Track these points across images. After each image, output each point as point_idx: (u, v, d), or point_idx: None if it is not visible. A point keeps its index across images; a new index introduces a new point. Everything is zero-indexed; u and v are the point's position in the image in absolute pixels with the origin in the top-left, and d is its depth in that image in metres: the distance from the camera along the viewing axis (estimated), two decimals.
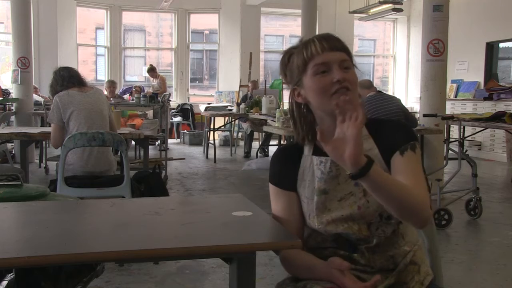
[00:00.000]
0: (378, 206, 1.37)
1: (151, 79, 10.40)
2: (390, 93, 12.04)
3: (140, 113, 9.16)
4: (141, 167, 4.53)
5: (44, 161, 6.73)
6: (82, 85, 3.67)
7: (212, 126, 8.40)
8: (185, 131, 10.73)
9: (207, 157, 8.32)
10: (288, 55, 1.45)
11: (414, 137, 1.41)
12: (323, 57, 1.36)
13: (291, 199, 1.47)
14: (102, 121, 3.61)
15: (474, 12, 9.45)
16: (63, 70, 3.70)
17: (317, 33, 1.43)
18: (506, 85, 8.48)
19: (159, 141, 7.84)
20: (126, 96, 9.50)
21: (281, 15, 12.48)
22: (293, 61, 1.42)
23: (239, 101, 8.67)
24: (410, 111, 10.88)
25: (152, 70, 10.25)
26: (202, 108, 10.39)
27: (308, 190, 1.44)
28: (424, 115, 5.22)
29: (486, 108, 8.34)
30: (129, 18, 11.99)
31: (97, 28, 12.39)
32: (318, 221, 1.41)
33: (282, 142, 7.92)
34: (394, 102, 4.66)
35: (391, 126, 1.44)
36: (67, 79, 3.62)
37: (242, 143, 9.60)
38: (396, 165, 1.36)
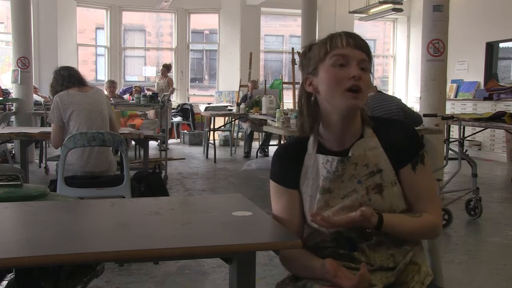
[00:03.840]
0: (379, 204, 1.39)
1: (160, 76, 10.36)
2: (390, 93, 12.04)
3: (140, 113, 9.16)
4: (141, 167, 4.53)
5: (44, 161, 6.73)
6: (83, 85, 3.67)
7: (212, 126, 8.40)
8: (185, 131, 10.73)
9: (207, 157, 8.32)
10: (310, 45, 1.45)
11: (421, 142, 1.45)
12: (345, 50, 1.36)
13: (292, 197, 1.46)
14: (102, 121, 3.61)
15: (474, 12, 9.45)
16: (63, 69, 3.70)
17: (317, 33, 1.44)
18: (506, 85, 8.48)
19: (159, 140, 7.84)
20: (126, 96, 9.50)
21: (281, 15, 12.48)
22: (314, 50, 1.42)
23: (239, 101, 8.67)
24: None
25: (167, 68, 10.25)
26: (202, 108, 10.39)
27: (312, 188, 1.44)
28: (424, 115, 5.21)
29: (486, 108, 8.34)
30: (129, 18, 11.99)
31: (97, 28, 12.39)
32: None
33: (282, 142, 7.92)
34: (394, 102, 4.66)
35: (394, 126, 1.46)
36: (67, 78, 3.62)
37: (242, 143, 9.60)
38: (409, 181, 1.41)
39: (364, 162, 1.41)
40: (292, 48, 9.90)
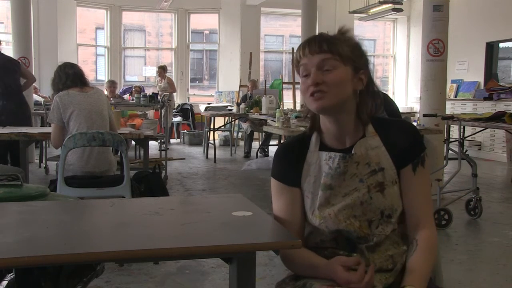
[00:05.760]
0: (380, 203, 1.39)
1: (159, 78, 10.37)
2: (390, 93, 12.05)
3: (140, 113, 9.16)
4: (141, 167, 4.53)
5: (44, 161, 6.73)
6: (84, 85, 3.66)
7: (212, 126, 8.40)
8: (185, 131, 10.74)
9: (207, 157, 8.32)
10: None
11: (423, 144, 1.45)
12: (304, 60, 1.41)
13: (294, 196, 1.47)
14: (102, 121, 3.60)
15: (474, 12, 9.45)
16: (68, 67, 3.66)
17: (317, 33, 1.45)
18: (506, 85, 8.48)
19: (159, 140, 7.85)
20: (126, 96, 9.51)
21: (281, 15, 12.49)
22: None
23: (239, 101, 8.67)
24: (410, 111, 10.96)
25: (163, 69, 10.26)
26: (202, 108, 10.40)
27: (314, 185, 1.44)
28: (424, 115, 5.22)
29: (486, 108, 8.34)
30: (129, 18, 12.00)
31: (97, 28, 12.40)
32: (320, 215, 1.41)
33: (282, 142, 7.92)
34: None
35: (397, 126, 1.47)
36: (71, 77, 3.60)
37: (242, 143, 9.60)
38: (407, 182, 1.42)
39: (366, 161, 1.41)
40: (292, 48, 9.91)
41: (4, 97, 5.49)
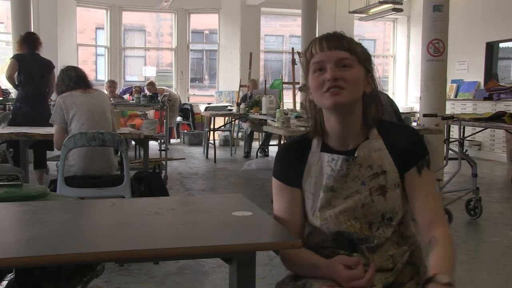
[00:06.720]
0: (381, 206, 1.39)
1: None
2: (390, 93, 12.05)
3: (140, 113, 9.16)
4: (141, 167, 4.53)
5: None
6: (87, 87, 3.68)
7: (212, 126, 8.40)
8: (185, 131, 10.74)
9: (207, 157, 8.32)
10: (305, 51, 1.49)
11: (426, 149, 1.45)
12: (320, 56, 1.38)
13: (295, 196, 1.47)
14: (105, 123, 3.60)
15: (474, 12, 9.45)
16: (71, 70, 3.70)
17: (317, 33, 1.45)
18: (506, 85, 8.48)
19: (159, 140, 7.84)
20: (126, 96, 9.50)
21: (281, 15, 12.49)
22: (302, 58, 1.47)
23: (239, 101, 8.67)
24: (410, 111, 10.95)
25: (151, 85, 10.24)
26: (202, 108, 10.39)
27: (315, 186, 1.44)
28: (424, 115, 5.22)
29: (486, 108, 8.34)
30: (129, 18, 11.99)
31: (97, 28, 12.39)
32: (321, 216, 1.41)
33: (282, 142, 7.92)
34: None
35: (401, 130, 1.48)
36: (74, 79, 3.62)
37: (242, 143, 9.60)
38: (414, 184, 1.41)
39: (368, 163, 1.41)
40: (292, 48, 9.90)
41: (22, 100, 5.44)
